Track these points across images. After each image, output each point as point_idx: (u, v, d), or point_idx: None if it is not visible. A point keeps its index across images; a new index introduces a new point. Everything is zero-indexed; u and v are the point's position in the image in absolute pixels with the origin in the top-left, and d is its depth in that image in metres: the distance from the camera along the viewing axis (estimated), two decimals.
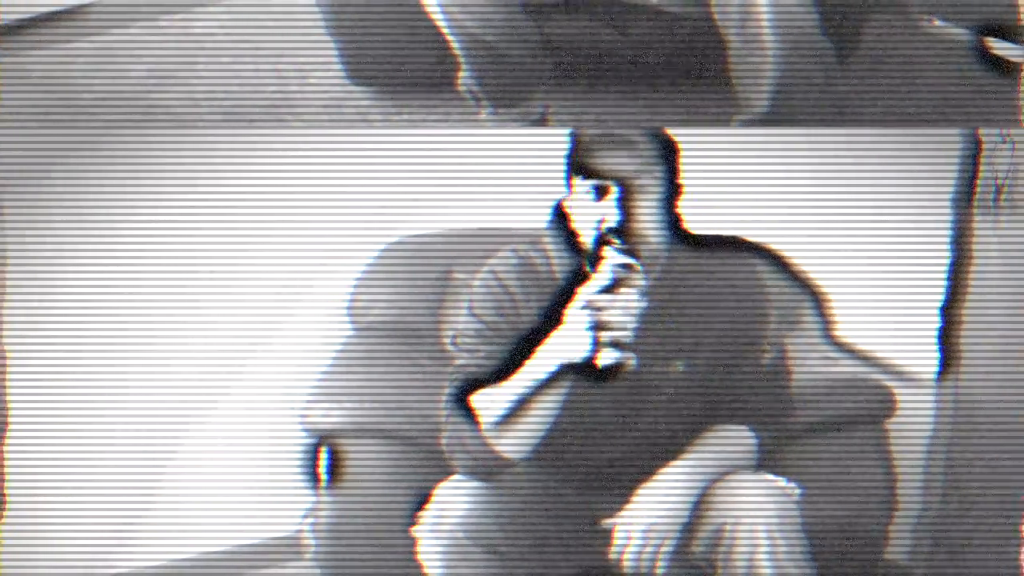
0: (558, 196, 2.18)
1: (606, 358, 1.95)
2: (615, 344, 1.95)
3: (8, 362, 2.63)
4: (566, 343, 1.99)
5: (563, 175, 2.15)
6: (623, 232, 2.05)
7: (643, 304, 1.99)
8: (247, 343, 2.86)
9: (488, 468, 2.09)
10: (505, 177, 2.72)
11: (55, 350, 2.67)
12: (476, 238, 2.72)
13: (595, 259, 2.07)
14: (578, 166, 2.10)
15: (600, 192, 2.08)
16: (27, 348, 2.65)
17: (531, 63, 2.57)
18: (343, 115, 2.89)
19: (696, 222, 2.28)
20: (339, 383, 2.63)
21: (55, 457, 2.64)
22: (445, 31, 2.49)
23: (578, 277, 2.04)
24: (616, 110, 2.81)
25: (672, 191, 2.13)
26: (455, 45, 2.51)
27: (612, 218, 2.06)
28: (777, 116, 2.47)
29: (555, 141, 2.66)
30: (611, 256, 2.01)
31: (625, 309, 1.96)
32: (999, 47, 2.70)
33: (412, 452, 2.51)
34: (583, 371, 1.98)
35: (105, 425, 2.70)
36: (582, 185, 2.09)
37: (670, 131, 2.17)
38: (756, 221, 2.59)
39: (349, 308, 2.80)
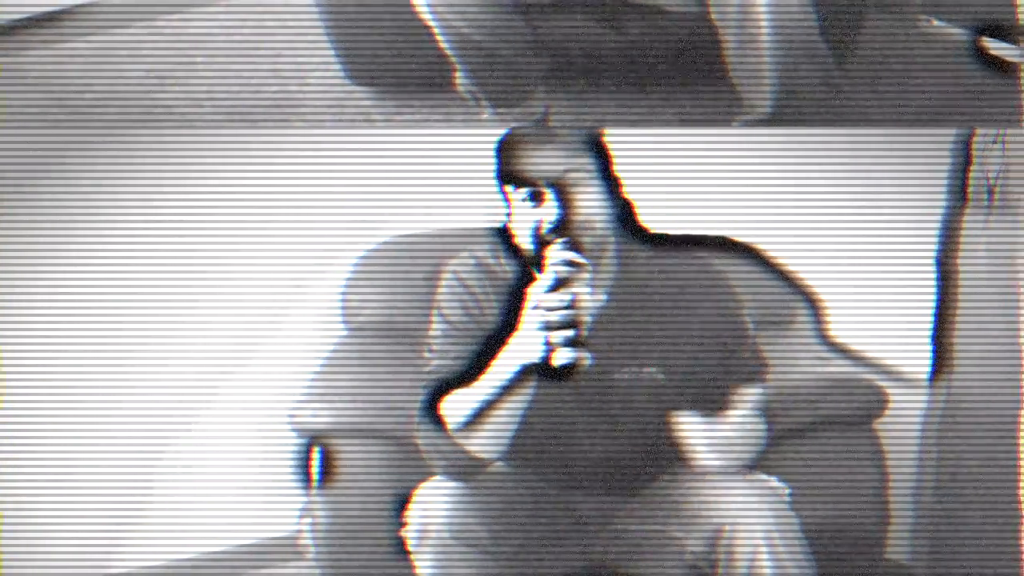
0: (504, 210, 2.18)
1: (560, 357, 1.95)
2: (570, 343, 1.95)
3: (3, 362, 2.63)
4: (523, 345, 1.99)
5: (496, 188, 2.15)
6: (564, 228, 2.06)
7: (598, 299, 2.02)
8: (243, 343, 2.86)
9: (463, 468, 2.09)
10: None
11: (50, 350, 2.66)
12: (467, 238, 2.71)
13: (539, 260, 2.07)
14: (506, 174, 2.11)
15: (536, 198, 2.08)
16: (22, 348, 2.65)
17: (524, 62, 2.57)
18: (343, 115, 2.89)
19: (690, 222, 2.29)
20: (329, 383, 2.62)
21: (52, 458, 2.64)
22: (435, 32, 2.49)
23: (526, 278, 2.04)
24: (617, 110, 2.81)
25: (610, 181, 2.13)
26: (446, 46, 2.51)
27: (551, 218, 2.07)
28: (779, 117, 2.48)
29: None
30: (555, 254, 2.01)
31: (575, 306, 1.96)
32: (996, 47, 2.71)
33: (403, 452, 2.50)
34: (541, 371, 1.98)
35: (101, 425, 2.70)
36: (516, 193, 2.10)
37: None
38: (749, 221, 2.60)
39: (341, 308, 2.80)
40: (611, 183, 2.13)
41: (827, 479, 2.48)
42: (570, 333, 1.95)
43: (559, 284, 1.97)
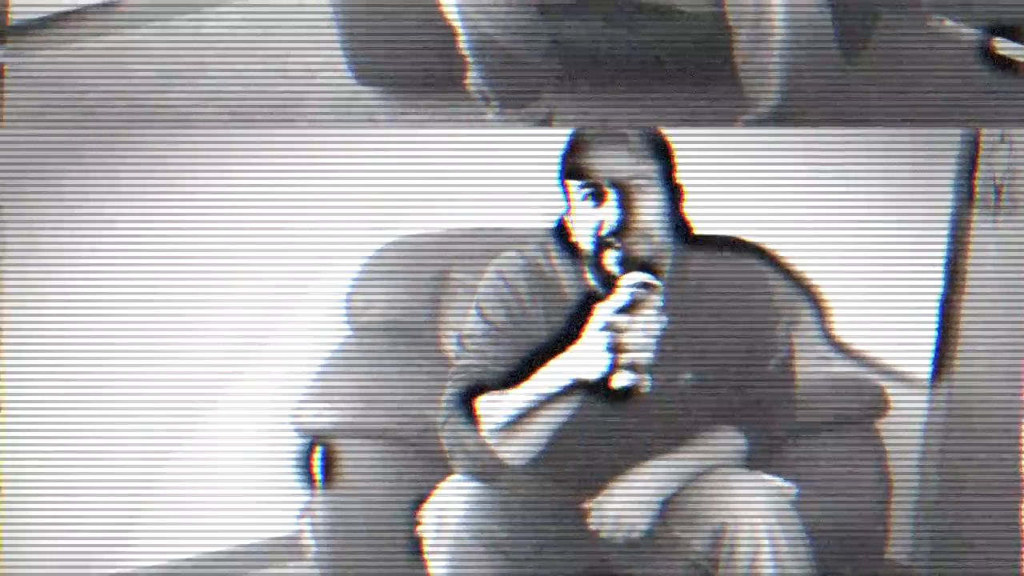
0: (560, 203, 2.17)
1: (621, 380, 1.91)
2: (632, 366, 1.91)
3: (6, 362, 2.64)
4: (582, 360, 1.95)
5: (559, 183, 2.13)
6: (623, 233, 2.04)
7: (662, 324, 1.95)
8: (247, 343, 2.86)
9: (487, 471, 2.07)
10: (509, 177, 2.72)
11: (54, 350, 2.67)
12: (473, 238, 2.72)
13: (598, 266, 2.06)
14: (571, 169, 2.08)
15: (597, 197, 2.06)
16: (26, 348, 2.66)
17: (540, 65, 2.57)
18: (350, 115, 2.89)
19: (698, 222, 2.28)
20: (332, 383, 2.62)
21: (53, 458, 2.65)
22: (459, 30, 2.49)
23: (591, 296, 2.02)
24: (621, 110, 2.80)
25: (672, 191, 2.12)
26: (466, 45, 2.51)
27: (611, 220, 2.05)
28: (784, 114, 2.47)
29: (560, 141, 2.67)
30: (631, 275, 1.97)
31: (645, 331, 1.92)
32: (1006, 47, 2.69)
33: (407, 452, 2.50)
34: (596, 390, 1.94)
35: (103, 426, 2.70)
36: (578, 192, 2.08)
37: (665, 131, 2.15)
38: (756, 220, 2.59)
39: (346, 308, 2.80)
40: (674, 193, 2.12)
41: (829, 479, 2.47)
42: (640, 356, 1.92)
43: (631, 306, 1.93)
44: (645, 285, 1.94)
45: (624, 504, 2.14)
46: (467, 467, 2.08)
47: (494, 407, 2.05)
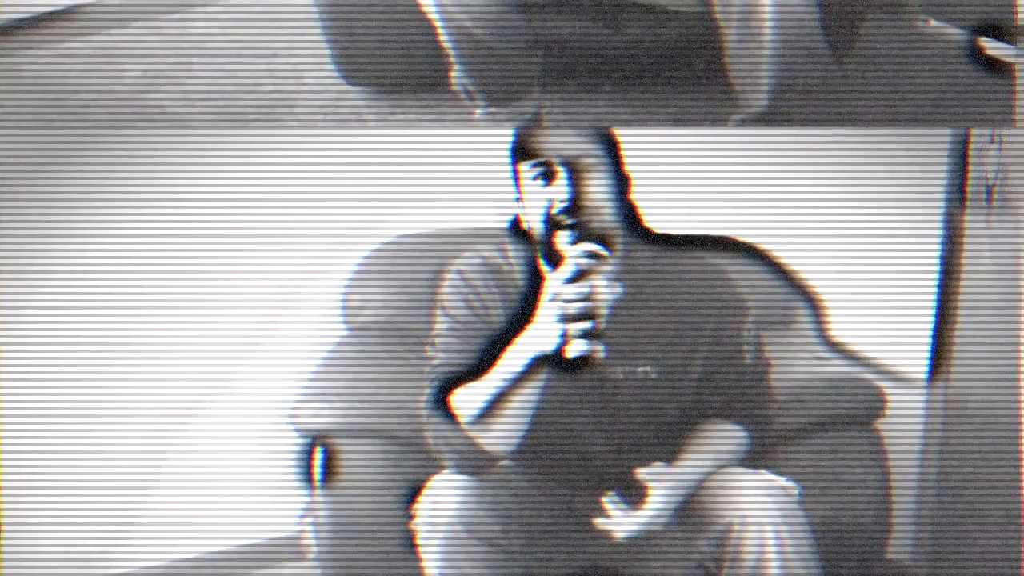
0: (511, 207, 2.21)
1: (575, 349, 1.95)
2: (585, 335, 1.95)
3: (2, 363, 2.63)
4: (538, 336, 2.00)
5: (510, 170, 2.18)
6: (575, 210, 2.07)
7: (615, 291, 2.01)
8: (244, 342, 2.86)
9: (477, 464, 2.10)
10: (499, 177, 2.71)
11: (48, 350, 2.67)
12: (468, 238, 2.71)
13: (548, 246, 2.09)
14: (521, 149, 2.13)
15: (547, 177, 2.10)
16: (20, 348, 2.65)
17: (522, 60, 2.57)
18: (338, 115, 2.89)
19: (691, 222, 2.29)
20: (329, 383, 2.62)
21: (53, 458, 2.65)
22: (438, 26, 2.49)
23: (538, 272, 2.07)
24: (611, 110, 2.81)
25: (620, 177, 2.15)
26: (447, 41, 2.51)
27: (562, 196, 2.09)
28: (774, 115, 2.47)
29: None
30: (577, 245, 2.01)
31: (593, 298, 1.96)
32: (993, 47, 2.70)
33: (404, 451, 2.50)
34: (554, 363, 1.99)
35: (102, 425, 2.70)
36: (529, 171, 2.12)
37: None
38: (748, 221, 2.59)
39: (342, 308, 2.80)
40: (621, 178, 2.15)
41: (828, 479, 2.48)
42: (587, 325, 1.95)
43: (579, 275, 1.97)
44: (592, 255, 1.99)
45: (644, 518, 2.16)
46: (455, 462, 2.11)
47: (468, 398, 2.08)
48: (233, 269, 2.79)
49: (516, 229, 2.19)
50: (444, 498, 2.08)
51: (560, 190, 2.09)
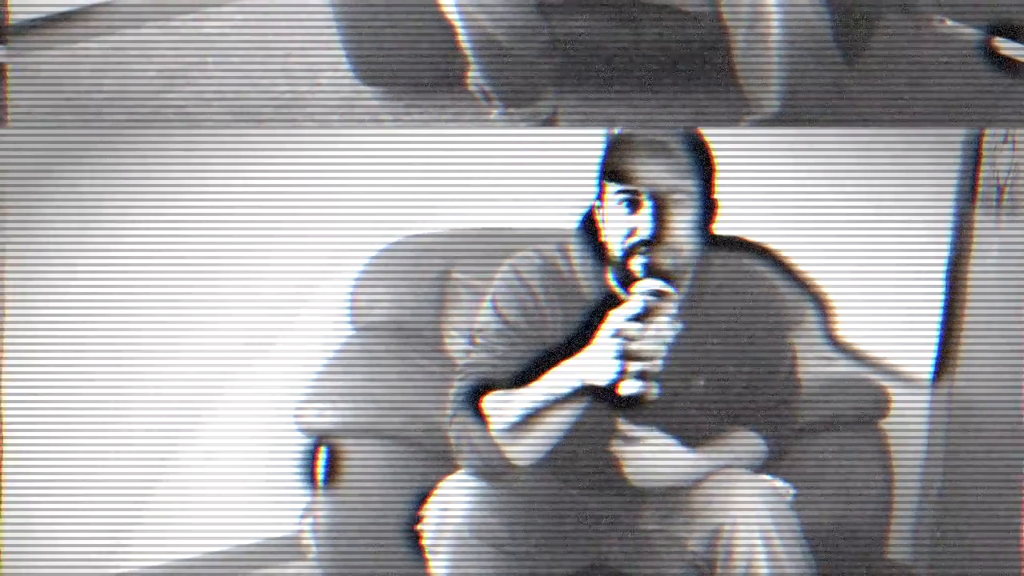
0: (586, 200, 2.15)
1: (629, 387, 1.90)
2: (641, 374, 1.90)
3: (8, 363, 2.63)
4: (591, 365, 1.93)
5: (596, 179, 2.10)
6: (653, 245, 2.02)
7: (675, 332, 1.94)
8: (250, 343, 2.86)
9: (495, 469, 2.06)
10: (513, 177, 2.72)
11: (58, 350, 2.67)
12: (477, 238, 2.72)
13: (623, 270, 2.04)
14: (612, 172, 2.06)
15: (633, 205, 2.04)
16: (30, 347, 2.66)
17: (541, 63, 2.57)
18: (353, 115, 2.89)
19: None
20: (335, 383, 2.61)
21: (55, 458, 2.65)
22: (458, 28, 2.49)
23: (610, 299, 2.01)
24: (626, 110, 2.80)
25: (708, 207, 2.10)
26: (466, 43, 2.51)
27: (645, 230, 2.03)
28: (787, 117, 2.47)
29: (564, 142, 2.67)
30: (644, 282, 1.96)
31: (656, 339, 1.90)
32: (1009, 47, 2.70)
33: (409, 452, 2.50)
34: (603, 396, 1.93)
35: (106, 425, 2.70)
36: (615, 196, 2.05)
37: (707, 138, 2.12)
38: (758, 221, 2.59)
39: (350, 308, 2.80)
40: (708, 209, 2.10)
41: (831, 479, 2.48)
42: (649, 365, 1.90)
43: (644, 314, 1.91)
44: (658, 293, 1.93)
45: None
46: (474, 464, 2.07)
47: (502, 406, 2.04)
48: (244, 269, 2.79)
49: (589, 231, 2.13)
50: (453, 502, 2.07)
51: (644, 221, 2.03)
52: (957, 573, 2.63)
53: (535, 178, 2.74)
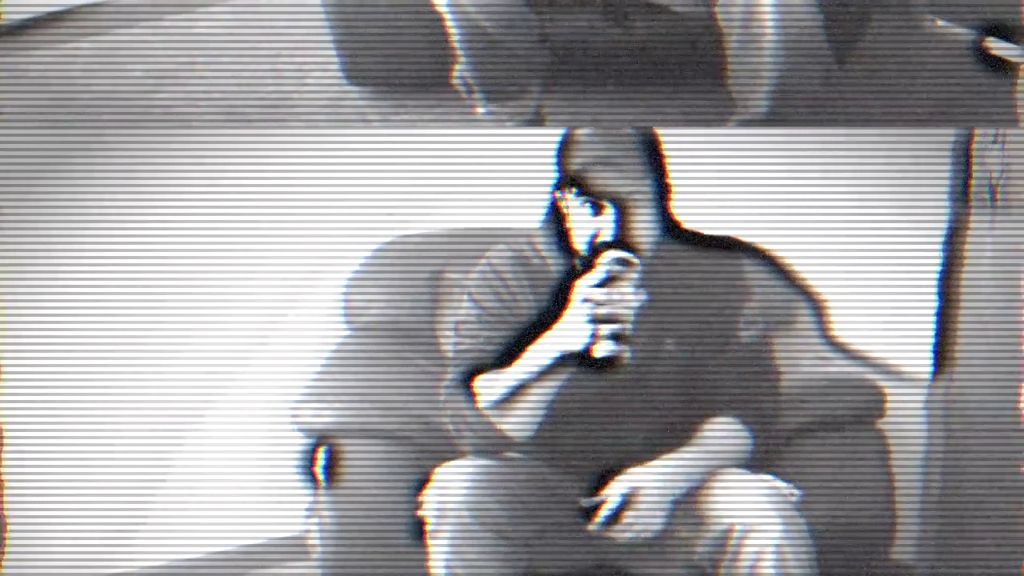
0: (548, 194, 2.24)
1: (603, 350, 2.02)
2: (612, 336, 2.01)
3: (5, 362, 2.63)
4: (566, 334, 2.05)
5: (554, 174, 2.21)
6: (618, 245, 2.10)
7: (641, 297, 2.04)
8: (247, 343, 2.86)
9: (492, 444, 2.15)
10: (501, 177, 2.72)
11: (52, 350, 2.67)
12: (470, 238, 2.72)
13: (589, 261, 2.10)
14: (572, 182, 2.17)
15: (596, 207, 2.15)
16: (24, 348, 2.65)
17: (528, 57, 2.57)
18: (341, 115, 2.89)
19: (694, 222, 2.28)
20: (331, 383, 2.63)
21: (56, 459, 2.65)
22: (447, 17, 2.49)
23: (574, 272, 2.09)
24: (613, 109, 2.81)
25: (663, 194, 2.20)
26: (455, 33, 2.51)
27: (608, 233, 2.14)
28: (775, 117, 2.47)
29: (551, 141, 2.66)
30: (608, 252, 2.05)
31: (622, 303, 2.02)
32: (998, 47, 2.69)
33: (407, 451, 2.51)
34: (581, 361, 2.04)
35: (105, 426, 2.71)
36: (576, 199, 2.16)
37: (658, 131, 2.22)
38: (752, 221, 2.59)
39: (344, 308, 2.80)
40: (664, 198, 2.21)
41: (830, 479, 2.48)
42: (616, 327, 2.01)
43: (608, 280, 2.02)
44: (622, 261, 2.04)
45: (635, 506, 2.17)
46: (472, 442, 2.17)
47: (491, 385, 2.14)
48: (236, 269, 2.80)
49: (554, 224, 2.23)
50: (452, 486, 2.10)
51: (606, 223, 2.15)
52: (961, 572, 2.62)
53: (524, 177, 2.73)
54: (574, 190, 2.16)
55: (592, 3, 2.72)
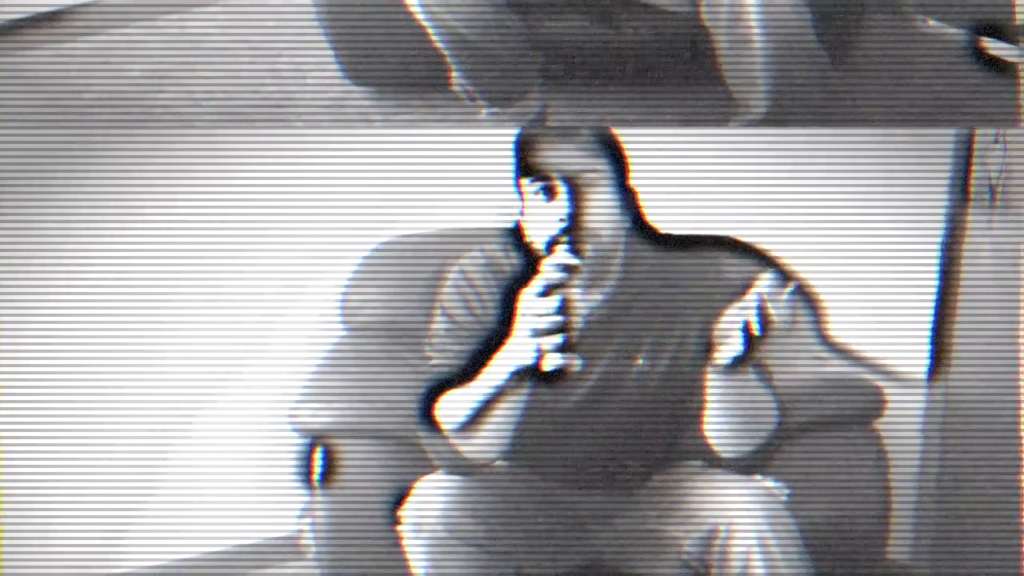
0: (514, 209, 2.19)
1: (550, 363, 1.95)
2: (559, 348, 1.95)
3: (3, 362, 2.63)
4: (516, 349, 2.00)
5: (511, 179, 2.16)
6: (574, 229, 2.06)
7: (592, 299, 2.03)
8: (242, 343, 2.86)
9: (463, 467, 2.11)
10: (503, 177, 2.72)
11: (50, 350, 2.66)
12: (468, 238, 2.71)
13: (534, 267, 2.07)
14: (523, 166, 2.11)
15: (549, 192, 2.09)
16: (21, 348, 2.65)
17: (519, 61, 2.57)
18: (342, 115, 2.89)
19: (691, 223, 2.29)
20: (328, 383, 2.62)
21: (53, 458, 2.64)
22: (428, 30, 2.49)
23: (522, 280, 2.04)
24: (615, 110, 2.81)
25: (623, 187, 2.14)
26: (439, 43, 2.51)
27: (562, 213, 2.07)
28: (775, 117, 2.48)
29: None
30: (550, 257, 2.01)
31: (566, 311, 1.96)
32: (994, 47, 2.71)
33: (403, 451, 2.50)
34: (533, 375, 1.99)
35: (102, 425, 2.70)
36: (530, 188, 2.10)
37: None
38: (749, 221, 2.60)
39: (341, 308, 2.80)
40: (626, 193, 2.14)
41: (827, 480, 2.49)
42: (559, 339, 1.95)
43: (550, 289, 1.97)
44: (564, 267, 1.99)
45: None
46: (446, 464, 2.13)
47: (452, 407, 2.09)
48: (234, 269, 2.79)
49: (518, 235, 2.17)
50: (429, 500, 2.09)
51: (560, 207, 2.08)
52: (957, 572, 2.64)
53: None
54: (528, 181, 2.11)
55: (578, 4, 2.72)
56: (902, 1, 2.96)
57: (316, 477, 2.50)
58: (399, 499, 2.11)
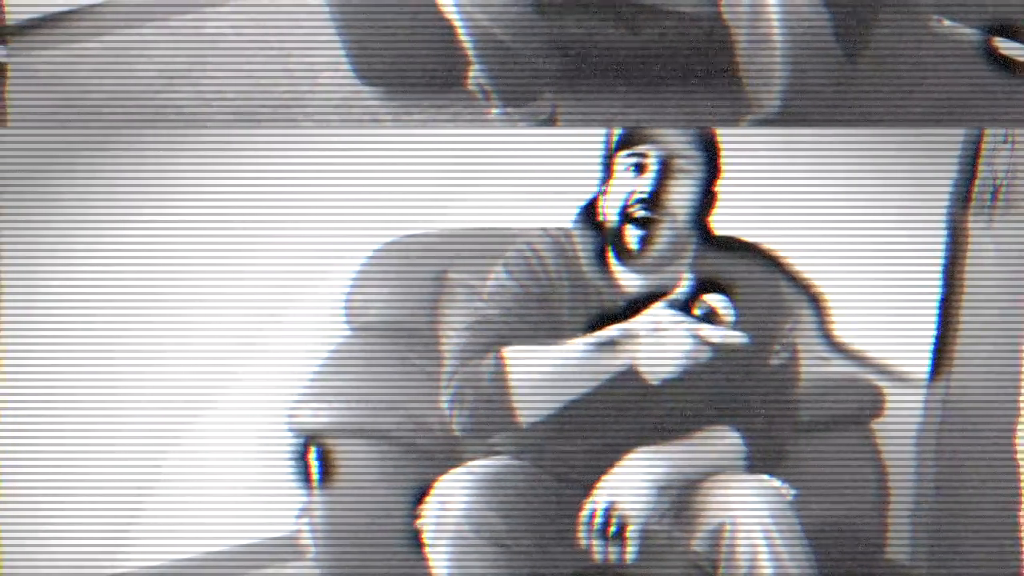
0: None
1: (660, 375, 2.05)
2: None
3: (5, 362, 2.63)
4: (648, 353, 2.05)
5: (601, 161, 2.22)
6: (651, 205, 2.12)
7: (740, 340, 2.05)
8: (246, 343, 2.86)
9: (486, 425, 2.13)
10: (513, 177, 2.72)
11: (55, 350, 2.67)
12: (473, 238, 2.72)
13: (618, 239, 2.15)
14: (625, 139, 2.17)
15: (639, 168, 2.15)
16: (26, 348, 2.66)
17: (541, 61, 2.58)
18: (353, 115, 2.89)
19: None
20: (330, 383, 2.62)
21: (52, 458, 2.65)
22: (458, 26, 2.50)
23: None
24: (626, 110, 2.81)
25: (708, 187, 2.20)
26: (467, 41, 2.52)
27: (645, 188, 2.13)
28: (787, 116, 2.48)
29: (563, 142, 2.67)
30: (706, 296, 2.08)
31: (712, 339, 2.03)
32: (1007, 47, 2.70)
33: (404, 452, 2.50)
34: (632, 377, 2.06)
35: (102, 426, 2.70)
36: (623, 161, 2.16)
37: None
38: (756, 220, 2.59)
39: (345, 308, 2.80)
40: (708, 194, 2.20)
41: (826, 478, 2.48)
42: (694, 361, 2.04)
43: (711, 314, 2.06)
44: (713, 314, 2.07)
45: (615, 489, 2.14)
46: (464, 422, 2.13)
47: (525, 359, 2.11)
48: (242, 268, 2.80)
49: (587, 218, 2.23)
50: (452, 498, 2.08)
51: (646, 183, 2.13)
52: (956, 573, 2.63)
53: (534, 178, 2.75)
54: (623, 153, 2.16)
55: (599, 7, 2.73)
56: (917, 0, 2.95)
57: (315, 477, 2.50)
58: (419, 496, 2.11)
